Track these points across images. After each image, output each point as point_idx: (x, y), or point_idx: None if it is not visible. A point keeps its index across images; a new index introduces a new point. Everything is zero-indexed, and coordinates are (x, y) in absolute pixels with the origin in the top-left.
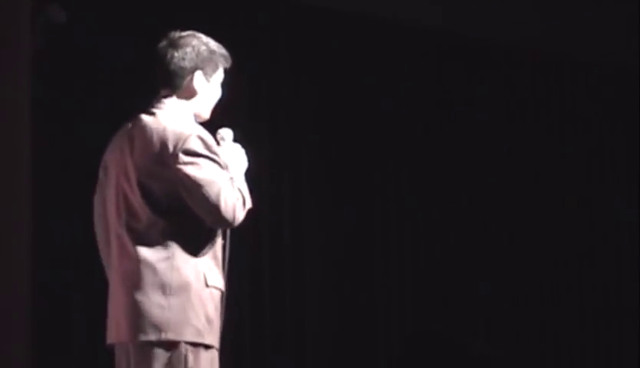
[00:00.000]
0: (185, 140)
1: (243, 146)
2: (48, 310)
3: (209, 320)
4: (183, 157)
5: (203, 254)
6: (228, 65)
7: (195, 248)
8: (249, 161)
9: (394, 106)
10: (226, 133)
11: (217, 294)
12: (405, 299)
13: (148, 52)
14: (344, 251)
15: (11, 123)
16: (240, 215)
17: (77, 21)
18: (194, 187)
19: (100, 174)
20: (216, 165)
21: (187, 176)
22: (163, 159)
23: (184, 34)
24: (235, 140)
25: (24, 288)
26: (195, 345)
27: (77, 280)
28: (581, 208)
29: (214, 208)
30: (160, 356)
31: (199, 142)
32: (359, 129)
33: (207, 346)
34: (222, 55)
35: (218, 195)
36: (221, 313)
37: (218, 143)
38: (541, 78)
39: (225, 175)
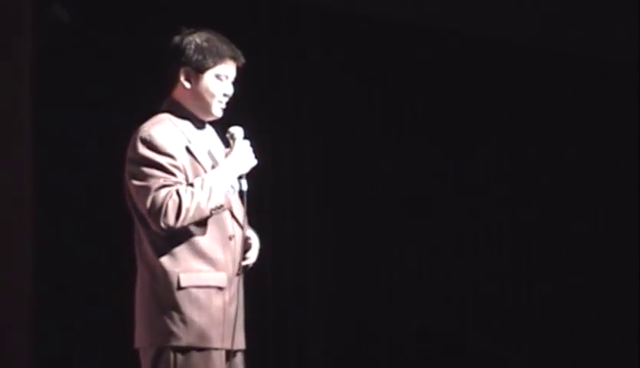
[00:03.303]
0: (132, 143)
1: (253, 144)
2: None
3: (186, 322)
4: (128, 161)
5: (179, 256)
6: (230, 61)
7: (167, 250)
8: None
9: (394, 105)
10: (237, 131)
11: (199, 293)
12: (406, 299)
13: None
14: (346, 251)
15: (12, 121)
16: (169, 221)
17: (80, 19)
18: (132, 192)
19: None
20: (153, 170)
21: (129, 181)
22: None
23: (190, 31)
24: (246, 137)
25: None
26: (184, 348)
27: (77, 280)
28: (581, 206)
29: (146, 213)
30: (151, 360)
31: (142, 145)
32: (359, 129)
33: (200, 349)
34: (217, 52)
35: (146, 200)
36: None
37: (227, 143)
38: (539, 74)
39: (159, 180)
